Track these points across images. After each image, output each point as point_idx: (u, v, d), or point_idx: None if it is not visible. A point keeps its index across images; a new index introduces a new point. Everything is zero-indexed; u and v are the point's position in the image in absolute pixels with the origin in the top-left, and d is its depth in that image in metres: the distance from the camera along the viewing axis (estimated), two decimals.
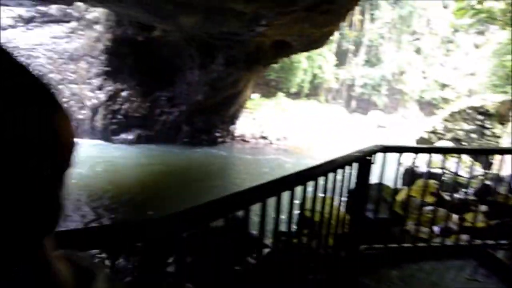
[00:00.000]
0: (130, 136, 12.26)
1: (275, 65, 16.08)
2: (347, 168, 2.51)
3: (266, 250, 2.95)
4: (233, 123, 13.76)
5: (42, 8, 11.42)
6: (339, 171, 2.42)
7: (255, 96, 18.41)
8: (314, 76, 22.36)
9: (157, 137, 12.37)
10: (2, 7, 10.61)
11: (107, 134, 12.16)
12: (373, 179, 2.90)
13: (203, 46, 10.79)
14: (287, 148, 14.15)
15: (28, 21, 11.76)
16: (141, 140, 12.31)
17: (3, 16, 11.34)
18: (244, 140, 14.50)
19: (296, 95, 21.68)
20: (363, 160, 2.74)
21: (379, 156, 2.85)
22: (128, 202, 7.68)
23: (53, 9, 11.48)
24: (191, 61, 11.31)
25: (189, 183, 9.14)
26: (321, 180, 2.24)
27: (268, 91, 20.69)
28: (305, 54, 18.38)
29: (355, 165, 2.64)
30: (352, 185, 2.73)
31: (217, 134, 13.20)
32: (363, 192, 2.83)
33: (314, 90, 23.13)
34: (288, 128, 15.96)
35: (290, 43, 11.03)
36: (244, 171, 10.62)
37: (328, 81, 23.40)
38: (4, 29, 11.57)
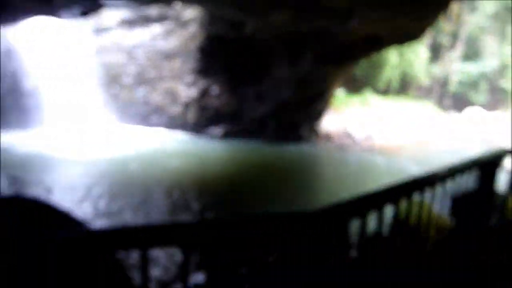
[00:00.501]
0: (219, 130, 12.65)
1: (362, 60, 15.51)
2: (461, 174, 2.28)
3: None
4: (319, 120, 13.55)
5: (143, 11, 12.18)
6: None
7: (341, 92, 17.97)
8: (404, 71, 21.20)
9: (244, 132, 12.60)
10: (108, 11, 11.53)
11: (197, 128, 12.69)
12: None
13: (292, 42, 10.74)
14: (374, 147, 13.57)
15: (130, 22, 12.65)
16: (228, 135, 12.64)
17: (110, 19, 12.35)
18: (329, 138, 14.20)
19: (384, 92, 20.75)
20: (488, 165, 2.47)
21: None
22: (219, 197, 7.74)
23: (152, 10, 12.20)
24: (280, 57, 11.32)
25: (278, 179, 9.13)
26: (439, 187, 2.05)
27: (354, 87, 20.05)
28: (395, 48, 17.48)
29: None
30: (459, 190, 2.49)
31: (303, 131, 13.08)
32: (486, 199, 2.57)
33: (404, 86, 21.95)
34: (375, 126, 15.32)
35: (382, 37, 10.55)
36: (333, 170, 10.35)
37: (419, 77, 22.04)
38: (110, 30, 12.62)
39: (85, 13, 8.04)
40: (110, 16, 12.33)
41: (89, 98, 12.25)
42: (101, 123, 12.28)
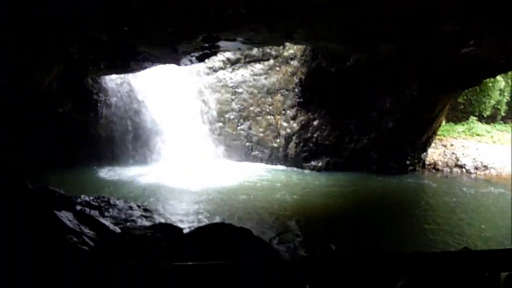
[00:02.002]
0: (319, 163, 12.59)
1: None
2: None
3: None
4: (424, 150, 12.83)
5: (245, 51, 12.84)
6: None
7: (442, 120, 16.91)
8: None
9: (346, 164, 12.37)
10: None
11: (298, 161, 12.76)
12: None
13: (397, 71, 10.45)
14: (489, 178, 12.42)
15: (234, 62, 13.37)
16: (330, 167, 12.51)
17: (216, 60, 13.20)
18: (436, 169, 13.33)
19: (490, 119, 19.09)
20: None
21: None
22: (325, 228, 7.58)
23: (255, 50, 12.80)
24: (383, 87, 11.06)
25: (387, 213, 8.76)
26: None
27: (456, 115, 18.78)
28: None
29: None
30: None
31: (407, 162, 12.46)
32: None
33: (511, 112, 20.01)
34: (486, 155, 14.05)
35: (497, 61, 9.79)
36: (447, 203, 9.60)
37: None
38: (216, 70, 13.45)
39: (202, 58, 8.65)
40: (216, 58, 13.15)
41: (199, 134, 13.02)
42: (209, 157, 12.93)
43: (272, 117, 13.01)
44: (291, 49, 12.23)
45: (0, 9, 5.53)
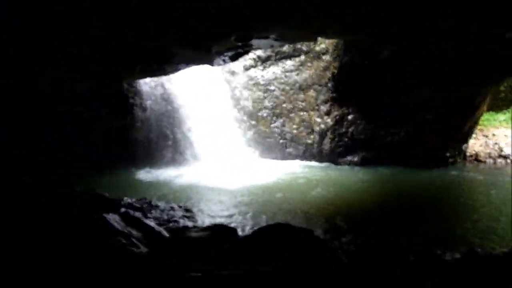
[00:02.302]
0: (355, 158, 12.37)
1: None
2: None
3: None
4: (465, 141, 12.35)
5: (276, 48, 12.77)
6: None
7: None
8: None
9: (382, 158, 12.08)
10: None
11: (333, 157, 12.58)
12: None
13: (434, 62, 10.08)
14: None
15: (265, 60, 13.34)
16: (366, 162, 12.25)
17: (247, 58, 13.21)
18: (478, 160, 12.81)
19: None
20: None
21: None
22: (367, 224, 7.42)
23: (285, 46, 12.71)
24: (420, 78, 10.70)
25: (435, 209, 8.42)
26: None
27: (496, 104, 17.95)
28: None
29: None
30: None
31: (447, 154, 12.04)
32: None
33: None
34: None
35: None
36: (500, 197, 9.11)
37: None
38: (247, 69, 13.46)
39: (235, 57, 8.65)
40: (247, 56, 13.14)
41: (233, 134, 13.10)
42: (243, 156, 12.98)
43: (305, 113, 12.90)
44: (322, 43, 12.07)
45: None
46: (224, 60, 8.86)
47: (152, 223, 5.15)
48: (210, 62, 8.80)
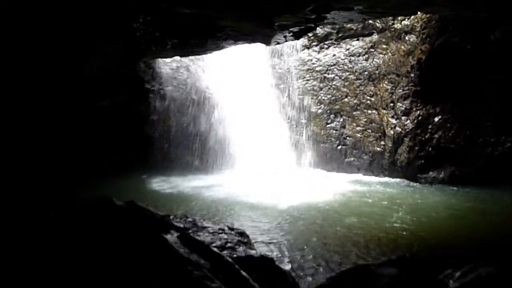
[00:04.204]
0: (441, 174, 12.06)
1: None
2: None
3: None
4: None
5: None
6: None
7: None
8: None
9: (478, 176, 11.66)
10: None
11: (411, 171, 12.21)
12: None
13: None
14: None
15: (323, 39, 13.20)
16: (455, 180, 11.81)
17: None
18: None
19: None
20: None
21: None
22: None
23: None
24: None
25: None
26: None
27: None
28: None
29: None
30: None
31: None
32: None
33: None
34: None
35: None
36: None
37: None
38: (298, 50, 13.32)
39: (300, 34, 8.63)
40: None
41: (277, 135, 13.10)
42: (289, 165, 12.95)
43: (374, 111, 12.70)
44: (405, 19, 11.83)
45: None
46: (285, 37, 8.80)
47: (216, 249, 5.11)
48: (267, 40, 8.75)
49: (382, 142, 12.70)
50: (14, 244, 3.54)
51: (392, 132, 12.43)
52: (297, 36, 8.75)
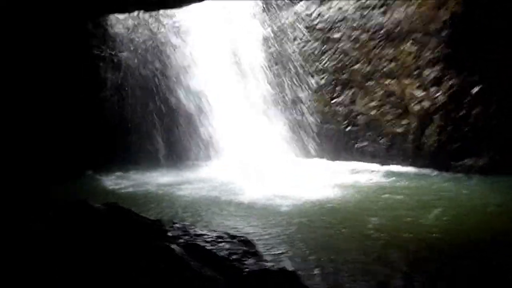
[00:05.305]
0: (480, 162, 11.53)
1: None
2: None
3: None
4: None
5: None
6: None
7: None
8: None
9: None
10: None
11: (441, 158, 11.66)
12: None
13: None
14: None
15: None
16: (498, 169, 11.43)
17: None
18: None
19: None
20: None
21: None
22: None
23: None
24: None
25: None
26: None
27: None
28: None
29: None
30: None
31: None
32: None
33: None
34: None
35: None
36: None
37: None
38: (294, 2, 13.14)
39: None
40: None
41: (269, 113, 12.89)
42: (285, 153, 12.72)
43: (394, 81, 12.17)
44: None
45: None
46: None
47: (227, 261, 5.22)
48: None
49: (404, 121, 12.25)
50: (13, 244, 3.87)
51: (417, 107, 12.01)
52: None
